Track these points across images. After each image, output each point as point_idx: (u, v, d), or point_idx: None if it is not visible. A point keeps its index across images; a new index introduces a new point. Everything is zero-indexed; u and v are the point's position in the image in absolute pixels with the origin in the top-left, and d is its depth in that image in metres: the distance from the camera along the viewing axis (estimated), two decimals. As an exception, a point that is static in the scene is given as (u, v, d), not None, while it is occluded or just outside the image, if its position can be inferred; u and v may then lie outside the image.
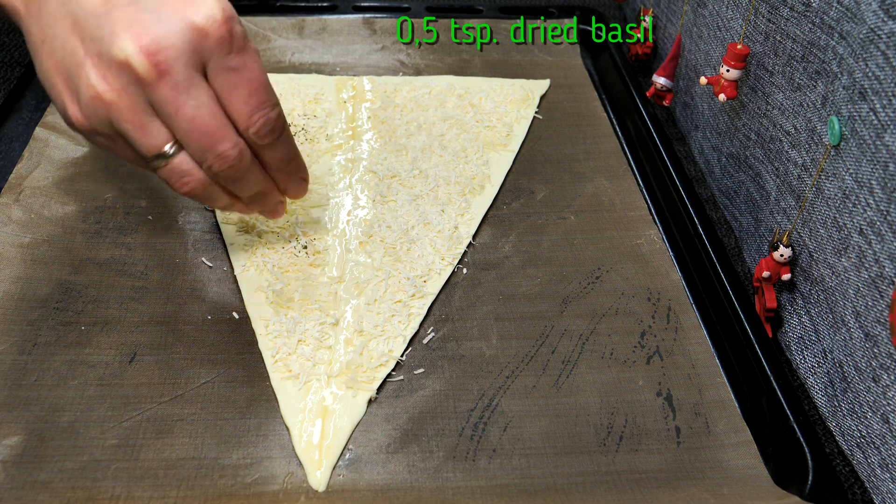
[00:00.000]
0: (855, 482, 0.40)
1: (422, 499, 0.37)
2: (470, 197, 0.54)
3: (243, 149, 0.39)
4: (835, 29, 0.42)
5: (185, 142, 0.38)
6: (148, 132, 0.37)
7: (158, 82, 0.36)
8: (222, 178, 0.40)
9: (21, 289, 0.46)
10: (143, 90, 0.36)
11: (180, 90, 0.36)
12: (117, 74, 0.36)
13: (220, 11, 0.37)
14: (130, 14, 0.36)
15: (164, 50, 0.36)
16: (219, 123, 0.38)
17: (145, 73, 0.36)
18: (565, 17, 0.73)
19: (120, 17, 0.36)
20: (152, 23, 0.36)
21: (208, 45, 0.37)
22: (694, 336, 0.46)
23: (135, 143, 0.38)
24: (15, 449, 0.38)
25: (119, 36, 0.36)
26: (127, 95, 0.36)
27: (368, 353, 0.43)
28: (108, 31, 0.36)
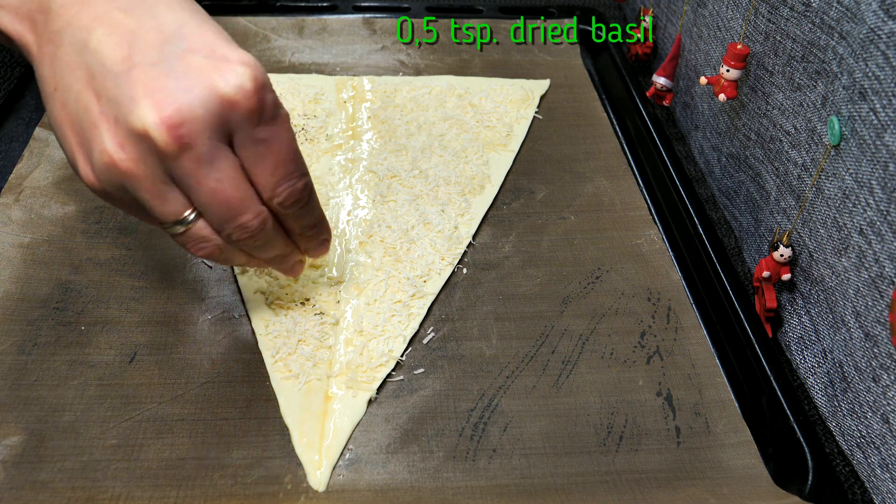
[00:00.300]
0: (855, 482, 0.40)
1: (422, 499, 0.37)
2: (470, 197, 0.54)
3: (266, 218, 0.37)
4: (835, 29, 0.42)
5: (205, 212, 0.36)
6: (166, 200, 0.35)
7: (180, 155, 0.33)
8: (241, 245, 0.38)
9: (21, 289, 0.46)
10: (163, 161, 0.34)
11: (202, 162, 0.34)
12: (135, 144, 0.33)
13: (251, 81, 0.33)
14: (153, 78, 0.33)
15: (187, 123, 0.33)
16: (242, 195, 0.35)
17: (165, 146, 0.33)
18: (565, 17, 0.73)
19: (141, 80, 0.33)
20: (176, 91, 0.33)
21: (236, 117, 0.34)
22: (694, 336, 0.46)
23: (151, 210, 0.35)
24: (15, 449, 0.38)
25: (139, 103, 0.32)
26: (144, 165, 0.34)
27: (368, 353, 0.43)
28: (127, 95, 0.33)
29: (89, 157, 0.34)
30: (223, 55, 0.34)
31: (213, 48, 0.34)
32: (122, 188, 0.35)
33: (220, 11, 0.71)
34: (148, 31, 0.34)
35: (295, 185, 0.37)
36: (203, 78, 0.33)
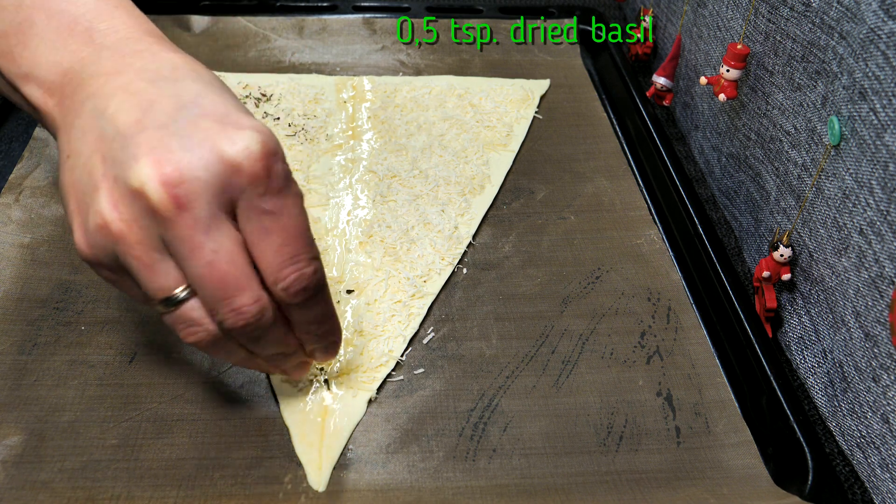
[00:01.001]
0: (855, 482, 0.40)
1: (422, 499, 0.37)
2: (470, 197, 0.54)
3: (265, 305, 0.33)
4: (835, 29, 0.42)
5: (198, 288, 0.32)
6: (157, 272, 0.32)
7: (176, 218, 0.31)
8: (236, 335, 0.34)
9: (21, 289, 0.46)
10: (157, 225, 0.31)
11: (199, 229, 0.31)
12: (130, 203, 0.31)
13: (260, 146, 0.31)
14: (158, 138, 0.31)
15: (186, 182, 0.30)
16: (239, 273, 0.32)
17: (161, 205, 0.30)
18: (565, 17, 0.73)
19: (146, 141, 0.31)
20: (178, 150, 0.31)
21: (240, 183, 0.31)
22: (694, 336, 0.46)
23: (141, 282, 0.32)
24: (15, 449, 0.38)
25: (139, 160, 0.31)
26: (138, 228, 0.31)
27: (368, 353, 0.43)
28: (130, 154, 0.31)
29: (84, 221, 0.32)
30: (235, 121, 0.32)
31: (227, 114, 0.33)
32: (113, 256, 0.32)
33: (220, 11, 0.71)
34: (165, 97, 0.33)
35: (303, 270, 0.33)
36: (209, 140, 0.31)
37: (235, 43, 0.69)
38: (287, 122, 0.60)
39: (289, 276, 0.33)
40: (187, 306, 0.33)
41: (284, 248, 0.33)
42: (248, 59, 0.68)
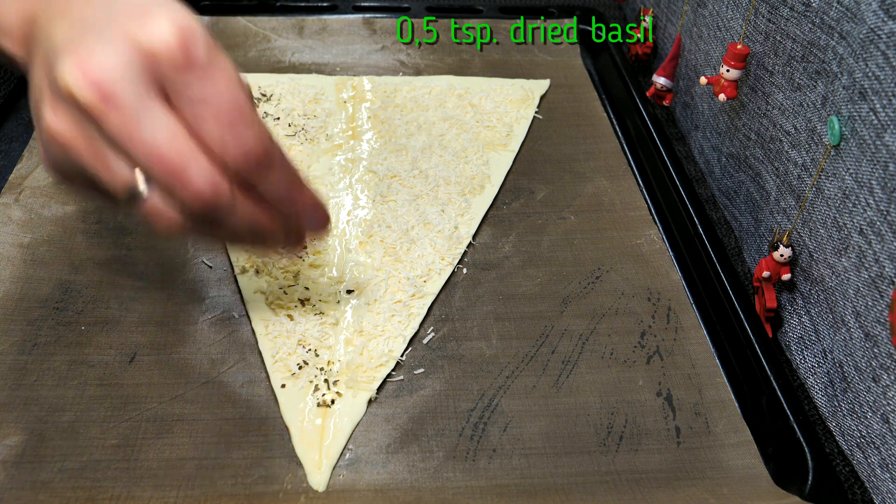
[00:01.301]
0: (855, 482, 0.40)
1: (422, 499, 0.37)
2: (470, 197, 0.54)
3: (218, 181, 0.33)
4: (835, 29, 0.42)
5: (151, 177, 0.32)
6: (112, 169, 0.32)
7: (107, 112, 0.31)
8: (203, 217, 0.34)
9: (21, 289, 0.46)
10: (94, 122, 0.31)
11: (130, 119, 0.31)
12: (66, 107, 0.31)
13: (174, 31, 0.31)
14: (78, 39, 0.31)
15: (107, 76, 0.31)
16: (181, 153, 0.32)
17: (89, 102, 0.31)
18: (565, 17, 0.73)
19: (69, 44, 0.31)
20: (96, 47, 0.31)
21: (161, 70, 0.31)
22: (694, 336, 0.46)
23: (102, 182, 0.33)
24: (15, 449, 0.38)
25: (64, 64, 0.31)
26: (79, 131, 0.32)
27: (368, 353, 0.43)
28: (57, 60, 0.31)
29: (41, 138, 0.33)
30: (153, 11, 0.32)
31: (147, 6, 0.32)
32: (70, 164, 0.33)
33: (220, 11, 0.71)
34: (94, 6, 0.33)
35: (242, 138, 0.33)
36: (122, 29, 0.31)
37: (235, 43, 0.69)
38: (287, 122, 0.60)
39: (232, 149, 0.33)
40: (152, 199, 0.33)
41: (219, 122, 0.32)
42: (248, 59, 0.68)
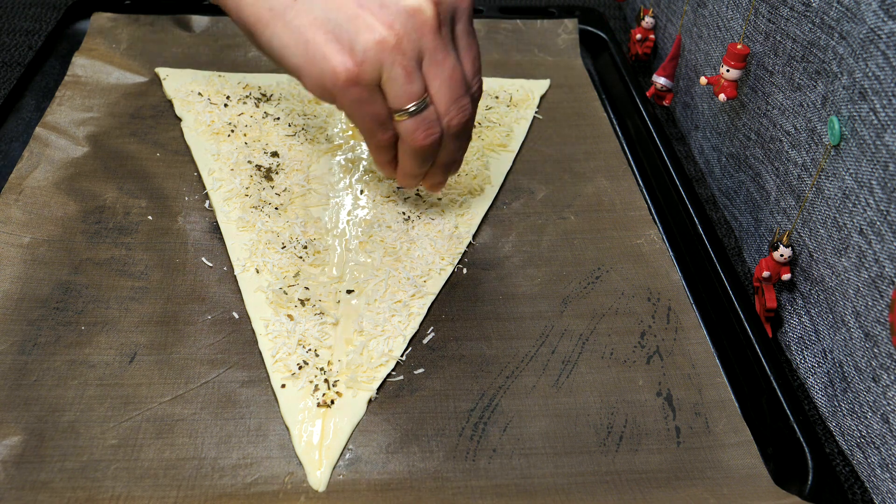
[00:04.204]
0: (855, 482, 0.40)
1: (422, 499, 0.37)
2: (470, 197, 0.54)
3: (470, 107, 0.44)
4: (835, 29, 0.42)
5: (441, 92, 0.42)
6: (414, 80, 0.41)
7: (437, 31, 0.41)
8: (451, 135, 0.44)
9: (21, 289, 0.46)
10: (421, 39, 0.41)
11: (446, 43, 0.42)
12: (404, 21, 0.40)
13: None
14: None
15: (443, 2, 0.41)
16: (464, 79, 0.43)
17: (431, 20, 0.40)
18: (565, 17, 0.73)
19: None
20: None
21: (462, 7, 0.43)
22: (694, 336, 0.46)
23: (399, 89, 0.41)
24: (15, 449, 0.38)
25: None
26: (408, 41, 0.40)
27: (368, 353, 0.43)
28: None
29: (352, 44, 0.40)
30: None
31: None
32: (378, 69, 0.41)
33: (220, 11, 0.71)
34: None
35: (481, 80, 0.45)
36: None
37: (235, 43, 0.69)
38: (287, 122, 0.60)
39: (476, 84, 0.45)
40: (428, 111, 0.43)
41: (475, 62, 0.45)
42: (248, 59, 0.68)
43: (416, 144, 0.43)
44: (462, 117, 0.44)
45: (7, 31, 0.71)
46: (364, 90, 0.41)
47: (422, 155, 0.45)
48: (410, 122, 0.42)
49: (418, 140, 0.43)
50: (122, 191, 0.53)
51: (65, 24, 0.68)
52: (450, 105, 0.43)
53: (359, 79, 0.41)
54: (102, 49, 0.65)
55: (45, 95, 0.61)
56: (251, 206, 0.52)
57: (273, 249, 0.49)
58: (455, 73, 0.43)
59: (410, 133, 0.43)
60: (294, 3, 0.41)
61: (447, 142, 0.45)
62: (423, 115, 0.43)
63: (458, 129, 0.44)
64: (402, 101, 0.42)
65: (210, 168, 0.55)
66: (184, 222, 0.51)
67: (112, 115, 0.60)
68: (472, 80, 0.44)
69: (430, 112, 0.43)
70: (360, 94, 0.42)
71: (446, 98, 0.43)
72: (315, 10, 0.41)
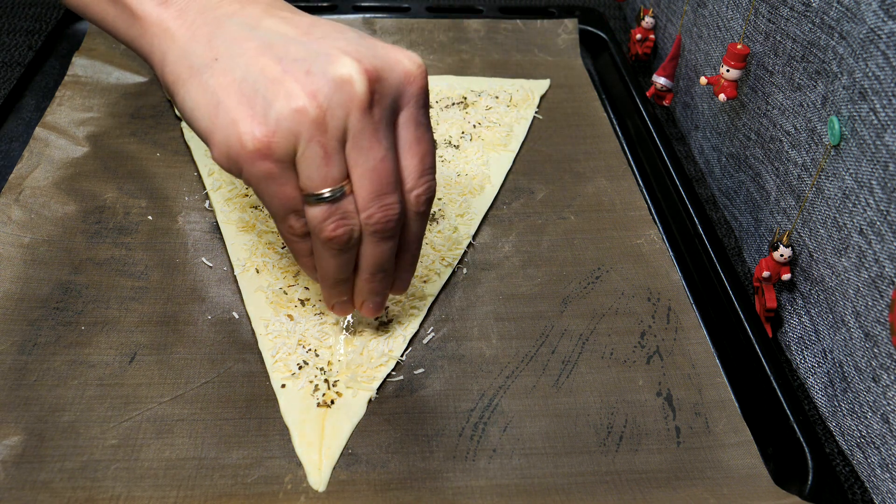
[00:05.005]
0: (855, 482, 0.40)
1: (422, 499, 0.37)
2: (470, 197, 0.54)
3: (401, 209, 0.37)
4: (835, 29, 0.42)
5: (361, 183, 0.36)
6: (333, 162, 0.35)
7: (366, 110, 0.35)
8: (369, 234, 0.37)
9: (21, 289, 0.46)
10: (347, 117, 0.34)
11: (380, 127, 0.35)
12: (330, 92, 0.34)
13: (422, 66, 0.37)
14: (343, 44, 0.35)
15: (382, 80, 0.35)
16: (394, 176, 0.36)
17: (362, 95, 0.34)
18: (565, 17, 0.73)
19: (332, 45, 0.35)
20: (370, 55, 0.35)
21: (411, 91, 0.36)
22: (694, 336, 0.46)
23: (314, 170, 0.35)
24: (15, 449, 0.38)
25: (340, 58, 0.35)
26: (331, 116, 0.34)
27: (368, 353, 0.43)
28: (321, 53, 0.35)
29: (265, 111, 0.34)
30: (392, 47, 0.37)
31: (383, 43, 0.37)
32: (292, 143, 0.35)
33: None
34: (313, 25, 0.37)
35: (432, 182, 0.38)
36: (392, 53, 0.36)
37: (235, 43, 0.69)
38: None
39: (424, 185, 0.38)
40: (346, 200, 0.36)
41: (426, 158, 0.38)
42: (248, 59, 0.67)
43: (324, 236, 0.36)
44: (383, 217, 0.36)
45: (7, 31, 0.71)
46: (274, 165, 0.35)
47: (333, 251, 0.37)
48: (319, 211, 0.36)
49: (326, 231, 0.36)
50: (122, 191, 0.53)
51: (65, 24, 0.68)
52: (370, 201, 0.36)
53: (269, 151, 0.34)
54: (102, 49, 0.65)
55: (45, 95, 0.61)
56: (251, 206, 0.52)
57: (273, 249, 0.49)
58: (383, 165, 0.36)
59: (319, 222, 0.36)
60: (213, 63, 0.36)
61: (368, 243, 0.38)
62: (337, 206, 0.36)
63: (378, 229, 0.37)
64: (315, 184, 0.35)
65: (210, 168, 0.55)
66: (184, 222, 0.51)
67: (112, 115, 0.60)
68: (416, 179, 0.37)
69: (347, 203, 0.36)
70: (268, 170, 0.35)
71: (366, 192, 0.36)
72: (235, 71, 0.35)
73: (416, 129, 0.37)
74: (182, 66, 0.37)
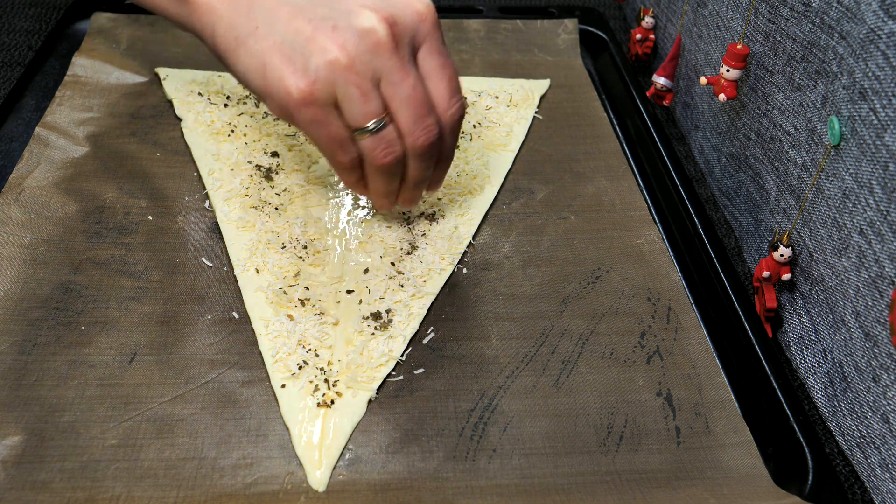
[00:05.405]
0: (855, 482, 0.40)
1: (422, 499, 0.37)
2: (470, 197, 0.54)
3: (437, 127, 0.44)
4: (835, 29, 0.42)
5: (400, 111, 0.42)
6: (369, 99, 0.41)
7: (392, 51, 0.41)
8: (415, 155, 0.44)
9: (21, 289, 0.46)
10: (375, 59, 0.41)
11: (406, 62, 0.41)
12: (356, 42, 0.40)
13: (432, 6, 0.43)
14: (361, 0, 0.42)
15: (399, 23, 0.41)
16: (427, 100, 0.43)
17: (384, 40, 0.40)
18: (565, 17, 0.73)
19: (354, 1, 0.42)
20: (385, 5, 0.42)
21: (425, 29, 0.42)
22: (694, 336, 0.46)
23: (355, 108, 0.41)
24: (15, 449, 0.38)
25: (360, 11, 0.41)
26: (360, 62, 0.40)
27: (368, 353, 0.43)
28: (343, 10, 0.41)
29: (305, 66, 0.41)
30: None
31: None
32: (332, 89, 0.41)
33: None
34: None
35: (462, 101, 0.45)
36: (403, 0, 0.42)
37: (235, 43, 0.69)
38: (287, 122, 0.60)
39: (455, 105, 0.44)
40: (387, 130, 0.43)
41: (451, 82, 0.44)
42: (248, 59, 0.67)
43: (377, 163, 0.43)
44: (427, 138, 0.43)
45: (7, 31, 0.71)
46: (319, 110, 0.42)
47: (385, 173, 0.44)
48: (369, 141, 0.43)
49: (378, 159, 0.43)
50: (122, 191, 0.53)
51: (65, 24, 0.68)
52: (412, 125, 0.42)
53: (312, 98, 0.41)
54: (102, 49, 0.65)
55: (45, 95, 0.61)
56: (251, 206, 0.52)
57: (273, 249, 0.49)
58: (415, 92, 0.42)
59: (370, 151, 0.43)
60: (255, 30, 0.42)
61: (413, 161, 0.44)
62: (382, 134, 0.42)
63: (423, 149, 0.43)
64: (359, 119, 0.42)
65: (210, 168, 0.55)
66: (184, 222, 0.51)
67: (112, 115, 0.60)
68: (448, 100, 0.44)
69: (390, 131, 0.43)
70: (315, 115, 0.42)
71: (407, 118, 0.42)
72: (274, 35, 0.42)
73: (438, 58, 0.43)
74: (229, 38, 0.44)
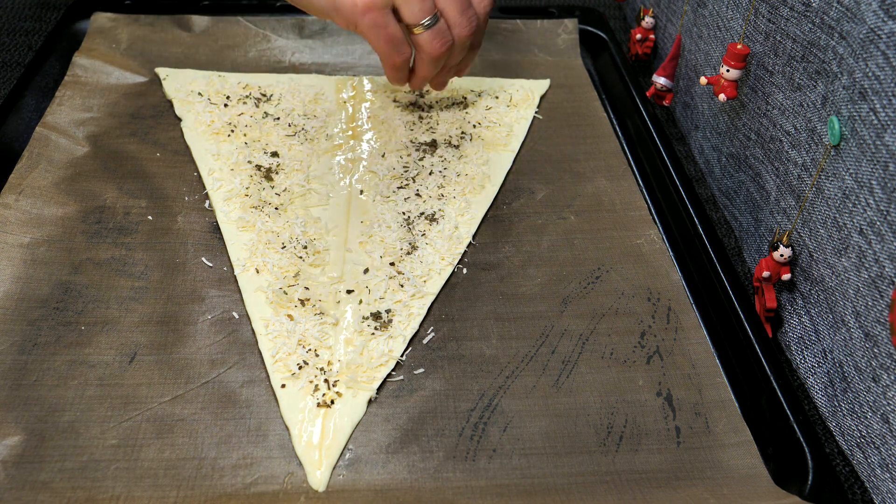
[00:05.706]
0: (855, 482, 0.40)
1: (422, 499, 0.37)
2: (470, 197, 0.54)
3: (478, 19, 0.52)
4: (835, 29, 0.42)
5: (448, 7, 0.50)
6: None
7: None
8: (460, 43, 0.52)
9: (21, 289, 0.46)
10: None
11: None
12: None
13: None
14: None
15: None
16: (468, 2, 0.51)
17: None
18: (565, 17, 0.73)
19: None
20: None
21: None
22: (694, 336, 0.46)
23: (414, 6, 0.48)
24: (15, 449, 0.38)
25: None
26: None
27: (368, 353, 0.43)
28: None
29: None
30: None
31: None
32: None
33: (220, 11, 0.71)
34: None
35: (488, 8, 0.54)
36: None
37: (235, 43, 0.69)
38: (287, 122, 0.60)
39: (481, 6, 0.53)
40: (441, 23, 0.50)
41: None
42: (248, 59, 0.68)
43: (434, 54, 0.51)
44: (471, 27, 0.51)
45: (7, 31, 0.71)
46: (379, 14, 0.48)
47: (437, 62, 0.52)
48: (427, 35, 0.50)
49: (435, 49, 0.50)
50: (122, 191, 0.53)
51: (65, 24, 0.68)
52: (458, 17, 0.50)
53: (374, 4, 0.47)
54: (102, 49, 0.65)
55: (45, 95, 0.61)
56: (251, 206, 0.52)
57: (273, 249, 0.49)
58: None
59: (428, 44, 0.50)
60: None
61: (458, 49, 0.52)
62: (437, 28, 0.50)
63: (467, 38, 0.52)
64: (417, 16, 0.49)
65: (210, 168, 0.55)
66: (184, 222, 0.51)
67: (112, 115, 0.60)
68: None
69: (442, 24, 0.50)
70: (376, 18, 0.48)
71: (454, 11, 0.50)
72: None
73: None
74: None
